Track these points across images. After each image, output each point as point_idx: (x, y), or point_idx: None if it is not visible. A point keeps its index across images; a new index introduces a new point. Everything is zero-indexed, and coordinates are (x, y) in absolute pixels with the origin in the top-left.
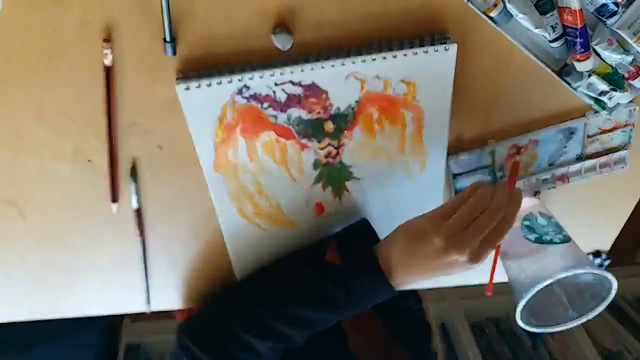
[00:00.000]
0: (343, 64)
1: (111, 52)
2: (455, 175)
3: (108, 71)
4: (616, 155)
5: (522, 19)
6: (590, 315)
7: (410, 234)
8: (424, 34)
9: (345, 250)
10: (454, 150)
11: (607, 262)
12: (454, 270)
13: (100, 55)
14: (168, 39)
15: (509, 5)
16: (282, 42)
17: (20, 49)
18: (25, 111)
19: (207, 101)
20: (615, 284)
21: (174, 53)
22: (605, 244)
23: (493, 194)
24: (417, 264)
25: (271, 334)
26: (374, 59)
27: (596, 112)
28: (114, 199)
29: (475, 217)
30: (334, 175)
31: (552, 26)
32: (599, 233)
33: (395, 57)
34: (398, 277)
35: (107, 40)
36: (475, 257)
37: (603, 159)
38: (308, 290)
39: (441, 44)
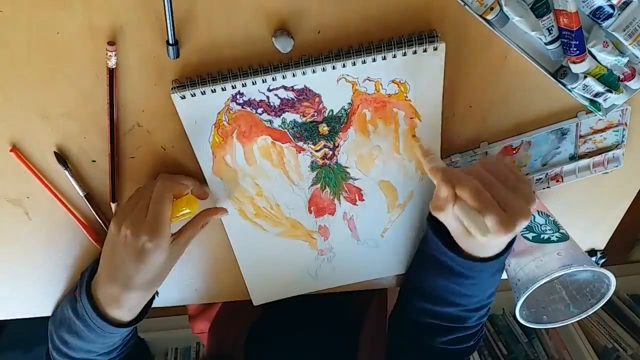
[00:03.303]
0: (334, 68)
1: (115, 54)
2: None
3: (112, 73)
4: (610, 154)
5: (519, 22)
6: (590, 311)
7: (104, 249)
8: (415, 34)
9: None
10: (448, 152)
11: (601, 261)
12: (147, 257)
13: (104, 58)
14: (171, 41)
15: (505, 9)
16: (282, 45)
17: (25, 51)
18: (31, 112)
19: (202, 109)
20: (613, 281)
21: (177, 55)
22: (600, 243)
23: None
24: (120, 270)
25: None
26: (364, 62)
27: (589, 112)
28: (113, 199)
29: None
30: (331, 176)
31: (548, 29)
32: (594, 232)
33: (384, 58)
34: (110, 296)
35: (112, 43)
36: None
37: (596, 158)
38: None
39: (429, 43)
